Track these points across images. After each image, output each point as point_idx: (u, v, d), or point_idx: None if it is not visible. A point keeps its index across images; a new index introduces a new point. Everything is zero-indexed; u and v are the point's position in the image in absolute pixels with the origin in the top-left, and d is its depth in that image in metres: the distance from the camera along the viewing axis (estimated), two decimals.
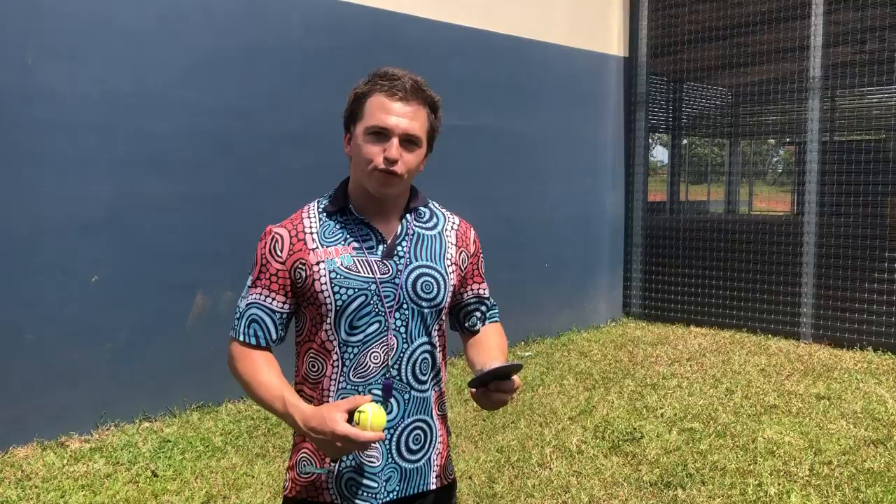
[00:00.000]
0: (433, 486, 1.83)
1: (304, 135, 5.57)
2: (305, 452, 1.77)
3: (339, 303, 1.69)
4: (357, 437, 1.55)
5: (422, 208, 1.84)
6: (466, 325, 1.96)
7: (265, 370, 1.72)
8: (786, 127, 13.11)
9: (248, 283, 1.77)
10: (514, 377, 1.68)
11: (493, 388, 1.66)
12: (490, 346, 1.89)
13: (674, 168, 14.12)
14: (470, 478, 4.05)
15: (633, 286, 8.57)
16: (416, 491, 1.79)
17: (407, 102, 1.69)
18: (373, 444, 1.66)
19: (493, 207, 7.03)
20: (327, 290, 1.69)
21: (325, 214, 1.77)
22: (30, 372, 4.47)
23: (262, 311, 1.74)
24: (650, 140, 9.73)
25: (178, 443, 4.50)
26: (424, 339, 1.78)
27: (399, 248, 1.76)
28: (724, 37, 8.12)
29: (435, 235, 1.83)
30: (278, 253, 1.73)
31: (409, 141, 1.70)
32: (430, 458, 1.82)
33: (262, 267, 1.74)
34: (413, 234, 1.79)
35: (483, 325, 1.98)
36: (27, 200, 4.43)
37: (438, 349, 1.83)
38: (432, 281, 1.77)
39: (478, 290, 1.95)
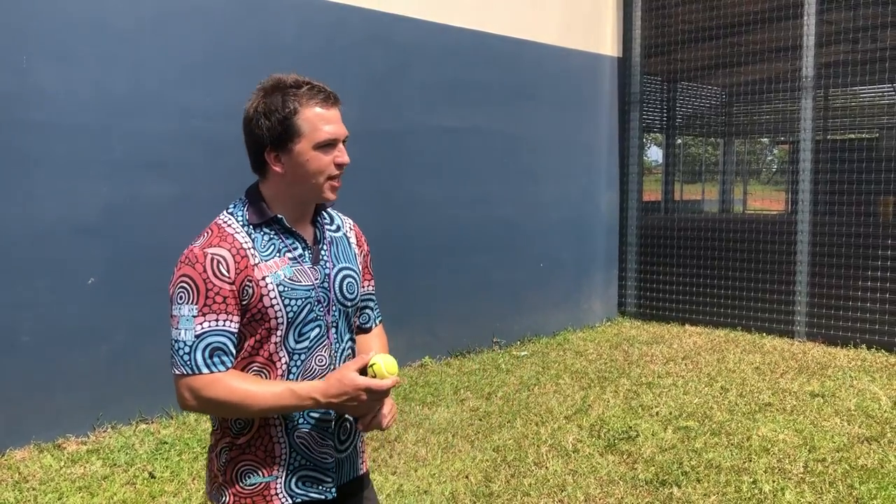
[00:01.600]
0: (362, 472, 1.92)
1: None
2: (248, 464, 1.74)
3: (291, 314, 1.71)
4: (378, 385, 1.66)
5: (323, 212, 1.88)
6: (358, 322, 1.99)
7: (250, 381, 1.67)
8: (779, 126, 13.14)
9: (191, 312, 1.63)
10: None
11: (360, 426, 1.80)
12: (376, 348, 1.94)
13: (668, 167, 14.19)
14: (466, 477, 4.06)
15: (628, 285, 8.59)
16: (349, 478, 1.87)
17: (336, 107, 1.76)
18: (326, 441, 1.78)
19: (488, 208, 7.05)
20: (278, 303, 1.69)
21: (250, 227, 1.73)
22: (26, 374, 4.47)
23: (223, 336, 1.65)
24: (644, 140, 9.76)
25: (174, 444, 4.50)
26: (348, 335, 1.87)
27: (322, 252, 1.81)
28: (718, 36, 8.15)
29: (341, 237, 1.89)
30: (224, 273, 1.64)
31: (344, 143, 1.78)
32: (356, 446, 1.89)
33: (209, 292, 1.63)
34: (328, 238, 1.85)
35: (375, 325, 2.02)
36: (22, 202, 4.43)
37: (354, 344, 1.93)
38: (353, 281, 1.85)
39: (369, 287, 1.99)
